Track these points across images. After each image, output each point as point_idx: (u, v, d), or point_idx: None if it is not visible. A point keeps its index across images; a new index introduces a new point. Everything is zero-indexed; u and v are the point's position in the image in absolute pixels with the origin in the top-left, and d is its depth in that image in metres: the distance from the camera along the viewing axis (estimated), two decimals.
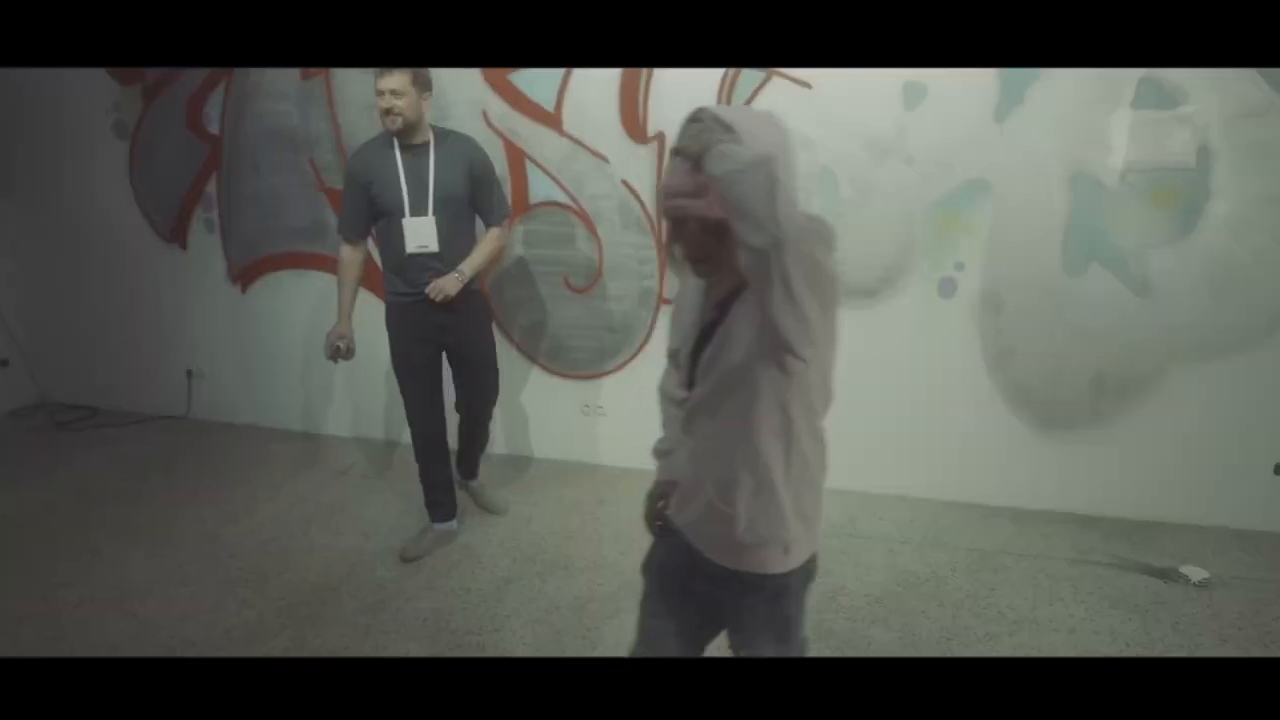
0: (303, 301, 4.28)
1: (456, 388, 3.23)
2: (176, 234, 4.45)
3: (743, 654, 1.64)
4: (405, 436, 3.57)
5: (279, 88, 3.99)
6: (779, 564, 1.53)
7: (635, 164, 3.56)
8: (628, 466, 3.89)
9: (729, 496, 1.49)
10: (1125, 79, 2.99)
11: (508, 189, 3.68)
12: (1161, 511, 3.31)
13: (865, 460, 3.55)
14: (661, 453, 1.74)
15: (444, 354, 3.17)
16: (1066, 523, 3.35)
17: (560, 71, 3.53)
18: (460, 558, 3.18)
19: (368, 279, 3.12)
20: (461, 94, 3.67)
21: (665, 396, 1.67)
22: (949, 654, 2.57)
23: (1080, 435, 3.33)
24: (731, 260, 1.34)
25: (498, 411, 3.41)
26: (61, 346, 4.89)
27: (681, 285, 1.60)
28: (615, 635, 2.69)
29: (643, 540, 1.82)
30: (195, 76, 4.12)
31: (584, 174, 3.63)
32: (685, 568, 1.61)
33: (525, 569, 3.09)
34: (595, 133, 3.57)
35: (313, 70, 3.89)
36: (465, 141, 3.04)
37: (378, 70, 2.82)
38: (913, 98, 3.18)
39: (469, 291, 3.04)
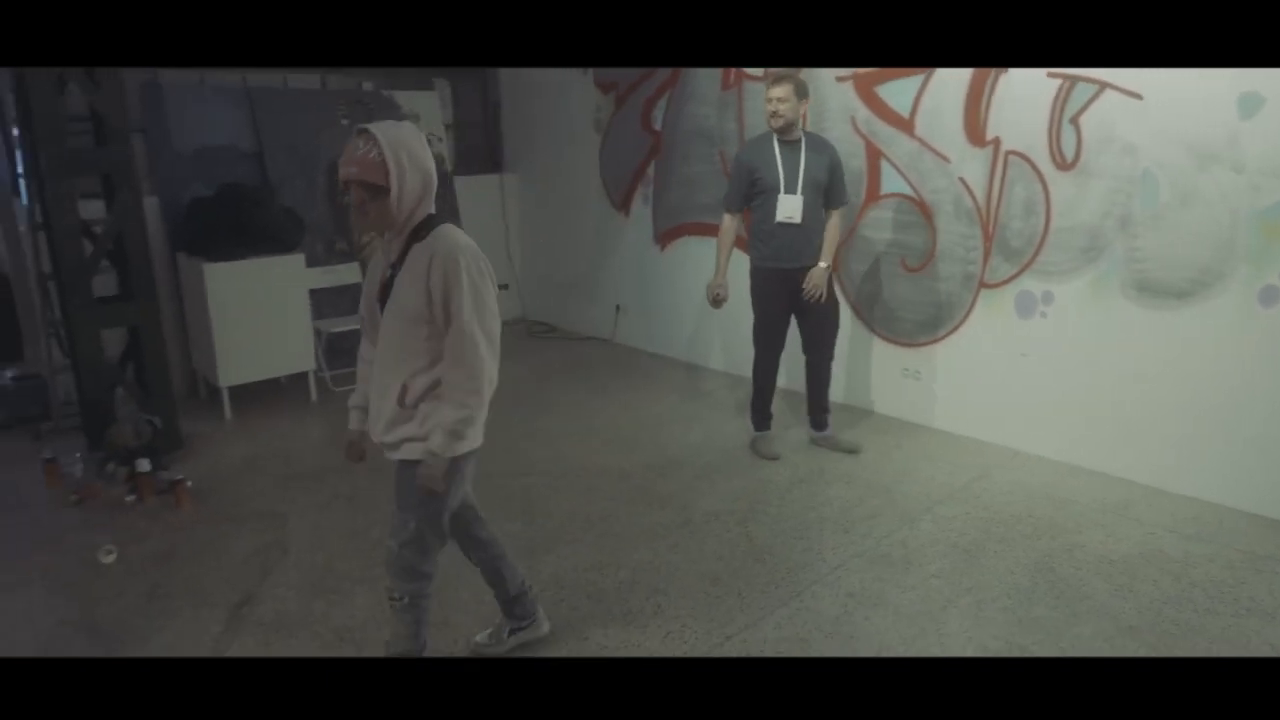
0: (703, 262, 5.48)
1: (804, 334, 4.11)
2: (624, 204, 5.97)
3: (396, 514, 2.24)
4: (747, 372, 4.54)
5: (704, 94, 5.23)
6: (416, 455, 2.14)
7: (972, 164, 4.10)
8: (929, 425, 4.48)
9: (387, 405, 2.14)
10: None
11: (864, 183, 4.49)
12: None
13: (1157, 455, 3.73)
14: (355, 406, 2.36)
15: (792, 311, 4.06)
16: None
17: (918, 83, 4.20)
18: (769, 462, 4.12)
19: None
20: (835, 103, 4.53)
21: (362, 360, 2.34)
22: (1159, 617, 2.83)
23: None
24: (377, 215, 2.01)
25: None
26: (539, 279, 6.81)
27: (373, 261, 2.24)
28: (864, 528, 3.43)
29: (920, 477, 2.54)
30: (650, 86, 5.54)
31: (927, 171, 4.26)
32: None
33: (815, 476, 3.93)
34: (940, 136, 4.18)
35: (730, 81, 5.05)
36: (827, 144, 3.98)
37: (769, 80, 3.83)
38: (1249, 107, 3.29)
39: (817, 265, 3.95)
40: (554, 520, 3.53)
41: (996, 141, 4.00)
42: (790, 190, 3.83)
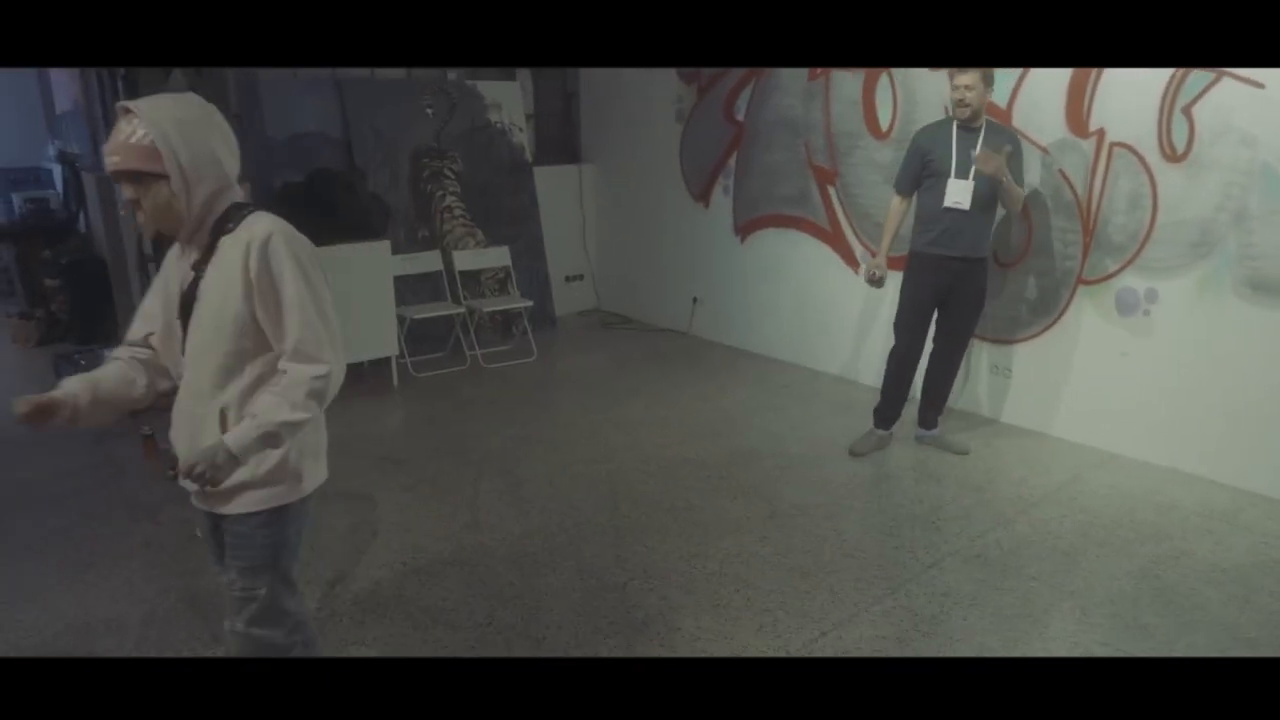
0: (785, 254, 5.44)
1: (942, 325, 3.95)
2: (703, 195, 5.93)
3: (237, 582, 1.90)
4: (827, 367, 4.45)
5: (790, 85, 5.15)
6: (258, 505, 1.85)
7: (1073, 155, 3.95)
8: (1019, 424, 4.36)
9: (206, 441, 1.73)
10: None
11: None
12: None
13: (1267, 460, 3.57)
14: (75, 379, 1.81)
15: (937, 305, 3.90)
16: None
17: (1016, 73, 4.07)
18: (853, 457, 4.05)
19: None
20: (928, 92, 4.41)
21: (110, 357, 1.91)
22: (1276, 627, 2.71)
23: None
24: (155, 210, 1.67)
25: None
26: (614, 270, 6.81)
27: (164, 267, 1.86)
28: (956, 527, 3.35)
29: (1013, 477, 2.48)
30: (734, 77, 5.49)
31: (1026, 163, 4.11)
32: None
33: (903, 472, 3.87)
34: (1038, 127, 4.04)
35: (817, 72, 4.97)
36: (1008, 131, 3.74)
37: (953, 69, 3.62)
38: None
39: (978, 259, 3.77)
40: (639, 509, 3.52)
41: (1100, 132, 3.85)
42: (961, 175, 3.65)
